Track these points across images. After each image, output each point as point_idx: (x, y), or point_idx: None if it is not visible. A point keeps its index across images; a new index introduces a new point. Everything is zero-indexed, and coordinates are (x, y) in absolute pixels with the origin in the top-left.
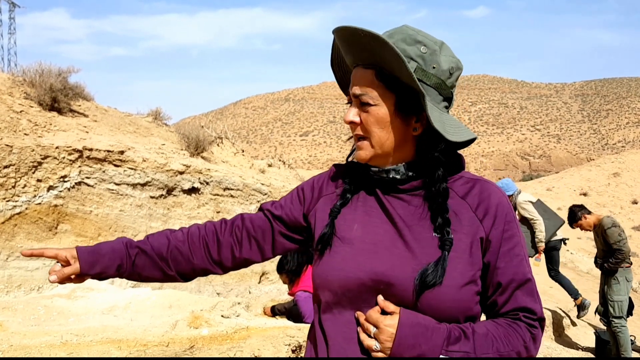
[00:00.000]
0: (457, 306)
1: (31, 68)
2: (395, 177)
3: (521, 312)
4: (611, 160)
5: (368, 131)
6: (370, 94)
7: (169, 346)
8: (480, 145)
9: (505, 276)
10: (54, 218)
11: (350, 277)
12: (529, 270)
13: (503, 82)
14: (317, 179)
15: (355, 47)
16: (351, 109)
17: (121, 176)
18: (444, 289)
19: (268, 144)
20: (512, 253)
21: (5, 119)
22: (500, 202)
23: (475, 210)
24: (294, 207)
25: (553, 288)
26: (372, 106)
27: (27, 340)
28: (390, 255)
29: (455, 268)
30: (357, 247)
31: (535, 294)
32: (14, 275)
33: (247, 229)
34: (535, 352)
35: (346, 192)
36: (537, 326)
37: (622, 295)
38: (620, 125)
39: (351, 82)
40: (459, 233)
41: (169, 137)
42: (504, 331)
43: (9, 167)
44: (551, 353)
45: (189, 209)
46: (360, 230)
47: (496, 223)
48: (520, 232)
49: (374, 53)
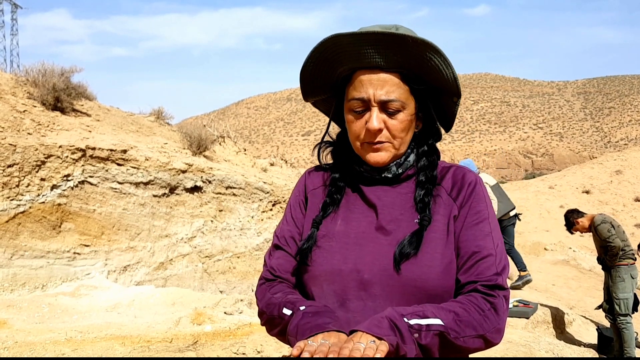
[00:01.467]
0: (442, 285)
1: (34, 68)
2: (387, 176)
3: (479, 283)
4: (613, 158)
5: (394, 137)
6: (400, 100)
7: (172, 342)
8: (482, 144)
9: (467, 249)
10: (57, 217)
11: (335, 270)
12: (494, 247)
13: (505, 81)
14: (297, 187)
15: (391, 50)
16: (376, 115)
17: (124, 175)
18: (428, 269)
19: (270, 143)
20: (477, 227)
21: (9, 119)
22: (471, 182)
23: (450, 192)
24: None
25: (555, 286)
26: (400, 112)
27: (32, 337)
28: (373, 246)
29: (436, 249)
30: (342, 242)
31: (495, 267)
32: (19, 273)
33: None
34: (501, 324)
35: (327, 206)
36: (497, 295)
37: (628, 293)
38: (623, 123)
39: (366, 86)
40: (437, 215)
41: (171, 136)
42: (459, 304)
43: (12, 166)
44: (553, 349)
45: (191, 208)
46: (344, 225)
47: (465, 200)
48: (490, 210)
49: (412, 57)
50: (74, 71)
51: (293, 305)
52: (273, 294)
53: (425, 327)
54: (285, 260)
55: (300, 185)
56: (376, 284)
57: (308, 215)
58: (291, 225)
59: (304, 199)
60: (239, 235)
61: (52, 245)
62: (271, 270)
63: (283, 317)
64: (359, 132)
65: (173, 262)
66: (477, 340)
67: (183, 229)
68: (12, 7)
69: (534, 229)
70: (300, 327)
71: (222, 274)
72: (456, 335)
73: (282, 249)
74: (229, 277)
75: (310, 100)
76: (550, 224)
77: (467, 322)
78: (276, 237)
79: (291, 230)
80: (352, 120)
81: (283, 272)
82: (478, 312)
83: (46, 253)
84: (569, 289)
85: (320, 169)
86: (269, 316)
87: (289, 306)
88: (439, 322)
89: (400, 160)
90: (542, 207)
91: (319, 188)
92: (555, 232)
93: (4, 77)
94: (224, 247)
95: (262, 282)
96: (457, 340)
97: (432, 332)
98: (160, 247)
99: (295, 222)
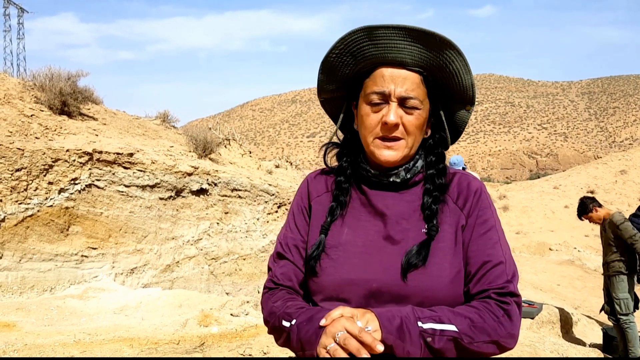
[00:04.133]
0: (450, 295)
1: (41, 72)
2: (396, 180)
3: (491, 291)
4: (618, 158)
5: (408, 133)
6: (419, 98)
7: (179, 344)
8: (487, 145)
9: (477, 259)
10: (65, 220)
11: (344, 280)
12: (503, 254)
13: (509, 81)
14: (300, 192)
15: (419, 48)
16: (394, 109)
17: (130, 178)
18: (437, 280)
19: (275, 145)
20: (485, 237)
21: (17, 123)
22: (477, 190)
23: (456, 201)
24: (303, 236)
25: (560, 286)
26: (417, 110)
27: (41, 339)
28: (381, 256)
29: (444, 259)
30: (350, 252)
31: (506, 275)
32: (27, 276)
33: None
34: (514, 329)
35: (334, 210)
36: (510, 302)
37: (626, 293)
38: (628, 122)
39: (387, 81)
40: (445, 224)
41: (177, 139)
42: (474, 309)
43: (20, 170)
44: (558, 349)
45: (197, 210)
46: (351, 234)
47: (472, 209)
48: (495, 217)
49: (436, 59)
50: (81, 75)
51: (290, 317)
52: (274, 303)
53: (440, 332)
54: (288, 269)
55: (303, 192)
56: (385, 294)
57: (313, 223)
58: (295, 233)
59: (307, 205)
60: (244, 237)
61: (60, 248)
62: (274, 279)
63: (283, 329)
64: (374, 126)
65: (180, 264)
66: (491, 345)
67: (189, 231)
68: (19, 11)
69: (539, 229)
70: (302, 340)
71: (229, 276)
72: (470, 341)
73: (285, 257)
74: (235, 279)
75: (322, 97)
76: (555, 224)
77: (482, 328)
78: (279, 245)
79: (295, 239)
80: (368, 113)
81: (286, 280)
82: (492, 318)
83: (54, 256)
84: (574, 289)
85: (324, 172)
86: (272, 324)
87: (286, 318)
88: (454, 328)
89: (409, 165)
90: (546, 208)
91: (323, 195)
92: (560, 232)
93: (12, 81)
94: (230, 249)
95: (265, 291)
96: (471, 345)
97: (445, 337)
98: (166, 249)
99: (299, 230)
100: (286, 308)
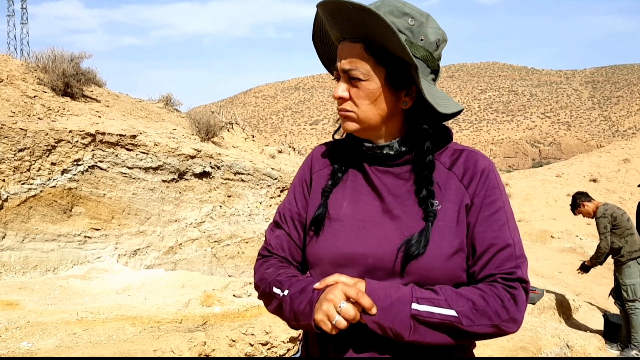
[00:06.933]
0: (446, 274)
1: (44, 54)
2: (389, 152)
3: (498, 275)
4: (621, 147)
5: (357, 105)
6: (360, 69)
7: (182, 323)
8: (490, 133)
9: (484, 241)
10: (68, 201)
11: (340, 253)
12: (511, 236)
13: (513, 70)
14: (303, 165)
15: (343, 20)
16: (340, 84)
17: (133, 160)
18: (433, 258)
19: (278, 132)
20: (493, 218)
21: (20, 104)
22: (485, 169)
23: (462, 179)
24: (302, 208)
25: (562, 273)
26: (362, 81)
27: (44, 317)
28: (379, 231)
29: (443, 238)
30: (347, 225)
31: (515, 258)
32: (30, 256)
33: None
34: (518, 314)
35: (336, 172)
36: (517, 287)
37: (634, 279)
38: (631, 112)
39: (338, 56)
40: (446, 202)
41: (180, 123)
42: (479, 292)
43: (23, 150)
44: (559, 334)
45: (200, 193)
46: (350, 207)
47: (479, 188)
48: (504, 198)
49: (363, 26)
50: (84, 57)
51: (281, 285)
52: (265, 270)
53: (438, 315)
54: (282, 240)
55: (306, 165)
56: (380, 270)
57: (312, 195)
58: (292, 205)
59: (308, 179)
60: (247, 220)
61: (63, 228)
62: (268, 247)
63: (274, 295)
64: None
65: (182, 246)
66: (491, 328)
67: (192, 214)
68: None
69: (541, 217)
70: (296, 311)
71: (231, 259)
72: (470, 324)
73: (281, 227)
74: (238, 262)
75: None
76: (557, 212)
77: (483, 311)
78: (278, 214)
79: (291, 210)
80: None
81: (279, 250)
82: (497, 302)
83: (57, 236)
84: (576, 276)
85: (330, 146)
86: (262, 290)
87: (277, 285)
88: (452, 313)
89: (390, 142)
90: (549, 196)
91: (325, 169)
92: (562, 220)
93: (15, 63)
94: (233, 232)
95: (259, 258)
96: (470, 328)
97: (440, 321)
98: (169, 231)
99: (297, 203)
100: (277, 275)
